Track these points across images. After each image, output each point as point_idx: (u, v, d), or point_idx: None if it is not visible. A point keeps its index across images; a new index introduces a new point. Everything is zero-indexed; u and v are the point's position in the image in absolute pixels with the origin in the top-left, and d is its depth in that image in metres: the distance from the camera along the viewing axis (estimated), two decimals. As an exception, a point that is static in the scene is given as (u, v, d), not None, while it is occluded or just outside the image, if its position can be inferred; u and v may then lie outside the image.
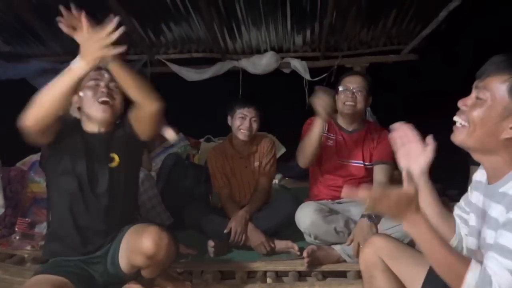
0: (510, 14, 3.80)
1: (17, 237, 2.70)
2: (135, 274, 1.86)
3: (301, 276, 2.24)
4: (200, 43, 4.38)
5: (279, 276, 2.26)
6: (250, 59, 4.39)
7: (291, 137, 2.86)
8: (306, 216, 2.30)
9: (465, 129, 1.16)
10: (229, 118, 2.76)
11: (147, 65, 4.54)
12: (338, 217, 2.34)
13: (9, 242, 2.69)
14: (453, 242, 1.33)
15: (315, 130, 2.35)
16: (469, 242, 1.27)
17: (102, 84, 1.83)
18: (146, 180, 2.74)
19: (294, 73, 4.46)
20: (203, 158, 3.71)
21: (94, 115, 1.82)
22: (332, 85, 2.66)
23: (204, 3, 3.45)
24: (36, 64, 4.36)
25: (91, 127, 1.87)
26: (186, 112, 4.61)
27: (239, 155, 2.76)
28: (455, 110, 1.23)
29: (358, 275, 2.07)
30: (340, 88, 2.51)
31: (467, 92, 1.22)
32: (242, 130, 2.67)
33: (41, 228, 2.77)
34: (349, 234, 2.30)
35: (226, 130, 2.88)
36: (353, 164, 2.55)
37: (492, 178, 1.18)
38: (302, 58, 4.43)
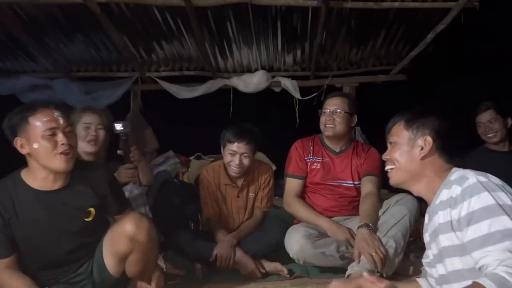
0: (496, 36, 3.90)
1: None
2: (123, 281, 1.84)
3: (291, 297, 2.22)
4: (191, 61, 4.40)
5: (268, 297, 2.23)
6: (241, 77, 4.42)
7: (281, 155, 2.86)
8: (294, 242, 2.27)
9: (393, 170, 1.47)
10: (221, 146, 2.63)
11: (138, 82, 4.54)
12: (327, 241, 2.30)
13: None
14: None
15: (312, 222, 2.41)
16: (432, 273, 1.41)
17: (60, 135, 1.68)
18: (139, 197, 2.69)
19: (284, 92, 4.49)
20: (193, 176, 3.67)
21: (55, 167, 1.70)
22: (321, 104, 2.68)
23: (195, 22, 3.48)
24: (26, 80, 4.33)
25: (46, 182, 1.73)
26: (177, 129, 4.59)
27: (232, 184, 2.66)
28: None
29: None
30: (322, 111, 2.59)
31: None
32: (232, 167, 2.55)
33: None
34: (340, 257, 2.26)
35: (216, 148, 2.85)
36: (343, 184, 2.55)
37: (430, 200, 1.41)
38: (293, 77, 4.47)
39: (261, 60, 4.35)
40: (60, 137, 1.67)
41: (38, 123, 1.65)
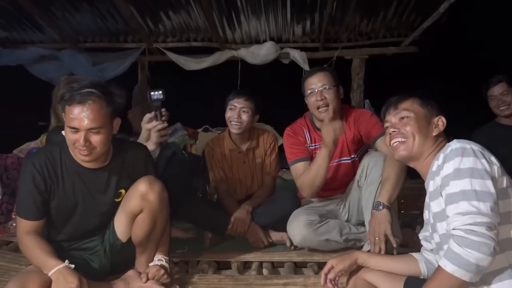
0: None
1: (14, 224, 2.69)
2: (131, 247, 1.88)
3: (297, 267, 2.25)
4: (199, 32, 4.35)
5: (275, 267, 2.26)
6: (249, 49, 4.38)
7: (289, 128, 2.84)
8: (297, 232, 2.23)
9: (405, 143, 1.48)
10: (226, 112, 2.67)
11: (145, 53, 4.52)
12: (330, 226, 2.25)
13: (6, 229, 2.69)
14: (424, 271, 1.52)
15: (324, 163, 2.16)
16: (430, 245, 1.49)
17: (79, 136, 1.63)
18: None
19: (293, 63, 4.45)
20: (201, 148, 3.70)
21: (77, 157, 1.73)
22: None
23: (203, -9, 3.42)
24: (34, 51, 4.33)
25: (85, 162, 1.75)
26: (184, 101, 4.59)
27: (237, 150, 2.69)
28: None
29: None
30: (308, 92, 2.31)
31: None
32: (232, 122, 2.58)
33: (38, 216, 2.77)
34: (344, 240, 2.24)
35: (224, 120, 2.86)
36: (342, 161, 2.44)
37: (426, 176, 1.45)
38: (302, 49, 4.42)
39: (270, 31, 4.29)
40: (79, 137, 1.64)
41: (67, 116, 1.65)
